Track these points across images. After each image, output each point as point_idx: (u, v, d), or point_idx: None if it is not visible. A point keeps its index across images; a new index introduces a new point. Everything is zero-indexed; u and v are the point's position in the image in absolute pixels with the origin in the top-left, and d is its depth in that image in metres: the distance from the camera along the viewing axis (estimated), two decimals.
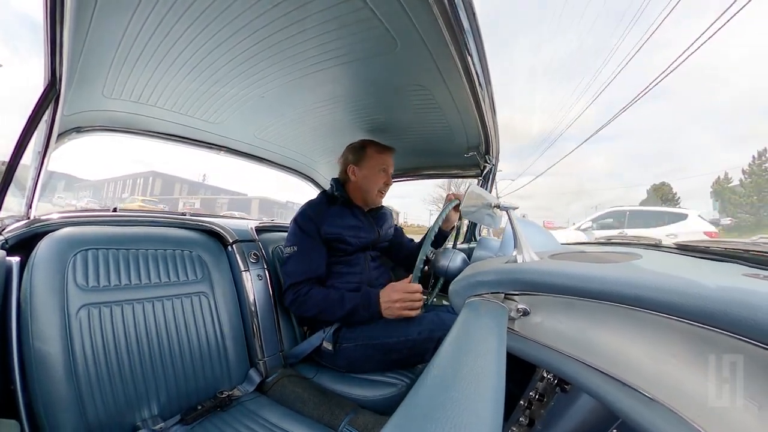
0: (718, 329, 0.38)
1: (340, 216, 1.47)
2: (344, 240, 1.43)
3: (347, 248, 1.45)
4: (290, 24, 0.89)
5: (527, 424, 0.85)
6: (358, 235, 1.47)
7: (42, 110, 0.96)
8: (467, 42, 0.87)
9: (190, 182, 53.75)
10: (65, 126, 1.22)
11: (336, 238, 1.42)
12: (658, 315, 0.44)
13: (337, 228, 1.42)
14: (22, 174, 1.04)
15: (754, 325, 0.35)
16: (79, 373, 0.93)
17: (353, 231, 1.47)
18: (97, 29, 0.87)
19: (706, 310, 0.38)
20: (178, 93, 1.24)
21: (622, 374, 0.47)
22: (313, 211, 1.44)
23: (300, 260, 1.37)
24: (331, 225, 1.42)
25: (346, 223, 1.46)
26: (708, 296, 0.39)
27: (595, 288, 0.51)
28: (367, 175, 1.53)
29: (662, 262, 0.72)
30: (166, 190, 48.77)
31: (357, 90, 1.26)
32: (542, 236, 1.24)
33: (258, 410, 1.12)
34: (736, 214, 29.45)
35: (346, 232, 1.44)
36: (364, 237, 1.50)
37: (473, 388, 0.32)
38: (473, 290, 0.72)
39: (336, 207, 1.50)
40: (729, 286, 0.39)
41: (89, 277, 1.02)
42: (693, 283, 0.41)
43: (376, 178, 1.53)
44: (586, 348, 0.53)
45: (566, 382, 0.78)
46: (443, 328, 1.20)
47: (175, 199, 41.27)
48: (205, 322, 1.23)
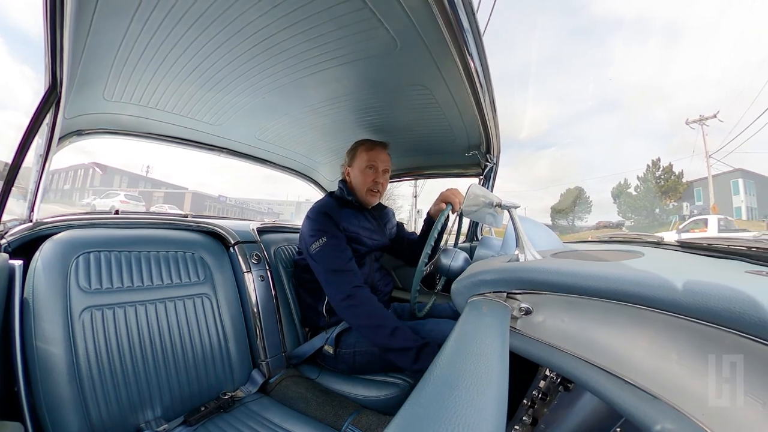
0: (722, 327, 0.38)
1: (355, 217, 1.45)
2: (361, 240, 1.42)
3: (360, 249, 1.43)
4: (290, 25, 0.89)
5: (530, 423, 0.85)
6: (372, 237, 1.47)
7: (43, 113, 0.96)
8: (467, 41, 0.87)
9: (131, 174, 51.37)
10: (66, 129, 1.22)
11: (354, 237, 1.40)
12: (661, 313, 0.44)
13: (354, 227, 1.41)
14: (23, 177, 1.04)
15: (757, 322, 0.35)
16: (83, 375, 0.93)
17: (368, 233, 1.47)
18: (97, 32, 0.87)
19: (710, 307, 0.38)
20: (179, 95, 1.25)
21: (625, 372, 0.47)
22: (329, 209, 1.39)
23: (332, 251, 1.30)
24: (349, 224, 1.40)
25: (361, 224, 1.46)
26: (711, 294, 0.39)
27: (598, 286, 0.51)
28: (356, 175, 1.51)
29: (664, 260, 0.72)
30: (105, 182, 46.30)
31: (357, 90, 1.26)
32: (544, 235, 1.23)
33: (261, 411, 1.12)
34: (630, 215, 34.47)
35: (362, 232, 1.44)
36: (377, 240, 1.50)
37: (476, 387, 0.32)
38: (475, 289, 0.72)
39: (348, 209, 1.47)
40: (732, 283, 0.39)
41: (92, 280, 1.03)
42: (696, 281, 0.41)
43: (364, 176, 1.48)
44: (589, 346, 0.53)
45: (569, 381, 0.78)
46: (440, 338, 1.19)
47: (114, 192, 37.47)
48: (207, 323, 1.23)
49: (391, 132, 1.62)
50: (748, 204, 30.77)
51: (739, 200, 30.91)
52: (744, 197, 30.85)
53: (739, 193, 30.98)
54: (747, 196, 30.96)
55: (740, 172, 31.43)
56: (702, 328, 0.40)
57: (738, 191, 31.22)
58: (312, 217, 1.39)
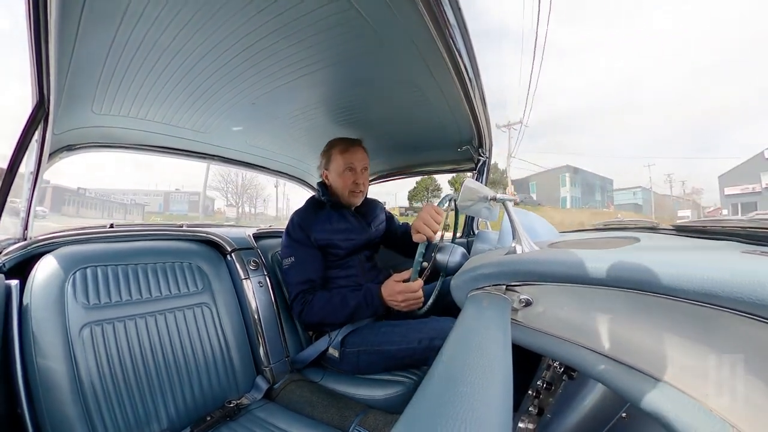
0: (722, 307, 0.38)
1: (329, 220, 1.46)
2: (335, 245, 1.43)
3: (339, 252, 1.44)
4: (276, 29, 0.89)
5: (536, 413, 0.85)
6: (348, 238, 1.46)
7: (32, 130, 0.95)
8: (454, 36, 0.87)
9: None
10: (56, 145, 1.21)
11: (326, 243, 1.42)
12: (660, 297, 0.44)
13: (326, 233, 1.42)
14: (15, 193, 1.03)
15: (756, 301, 0.35)
16: (86, 392, 0.92)
17: (343, 234, 1.46)
18: (82, 46, 0.87)
19: (709, 289, 0.39)
20: (167, 105, 1.24)
21: (627, 358, 0.48)
22: (301, 219, 1.44)
23: (299, 269, 1.37)
24: (320, 231, 1.42)
25: (335, 227, 1.45)
26: (709, 276, 0.39)
27: (597, 274, 0.51)
28: (335, 179, 1.51)
29: (661, 245, 0.73)
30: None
31: (346, 90, 1.26)
32: (540, 225, 1.24)
33: (267, 417, 1.12)
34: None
35: (336, 236, 1.44)
36: (355, 239, 1.49)
37: (481, 381, 0.32)
38: (475, 284, 0.72)
39: (324, 212, 1.49)
40: (730, 264, 0.40)
41: (89, 295, 1.02)
42: (694, 263, 0.42)
43: (344, 179, 1.49)
44: (590, 334, 0.53)
45: (573, 370, 0.78)
46: (443, 337, 1.20)
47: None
48: (208, 332, 1.23)
49: (382, 131, 1.62)
50: (572, 194, 41.35)
51: (565, 191, 41.16)
52: (569, 189, 41.34)
53: (566, 185, 41.42)
54: (572, 188, 41.53)
55: (566, 167, 42.41)
56: (702, 310, 0.40)
57: (565, 183, 41.53)
58: (289, 231, 1.45)
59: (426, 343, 1.20)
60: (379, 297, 1.27)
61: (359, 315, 1.29)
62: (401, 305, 1.23)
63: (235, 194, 46.81)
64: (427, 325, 1.27)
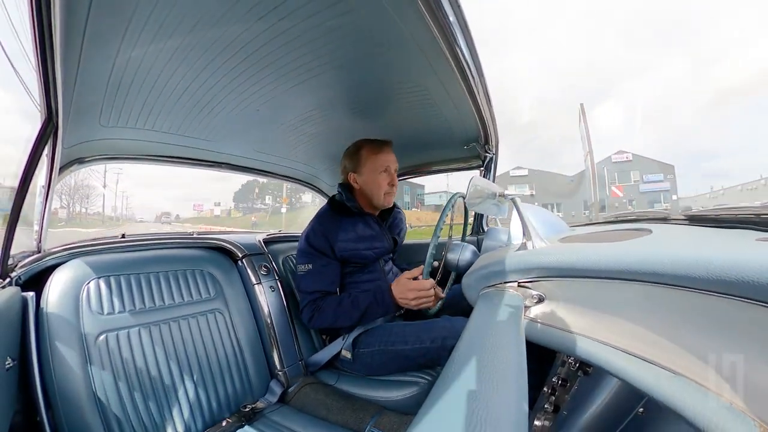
0: (737, 297, 0.37)
1: (353, 228, 1.42)
2: (359, 256, 1.40)
3: (364, 261, 1.42)
4: (278, 35, 0.89)
5: (552, 410, 0.84)
6: (373, 246, 1.43)
7: (42, 145, 0.97)
8: (455, 34, 0.87)
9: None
10: (66, 158, 1.23)
11: (350, 255, 1.38)
12: (675, 288, 0.44)
13: (350, 244, 1.38)
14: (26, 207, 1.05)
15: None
16: (102, 399, 0.94)
17: (368, 242, 1.42)
18: (87, 61, 0.88)
19: (725, 278, 0.38)
20: (174, 115, 1.25)
21: (643, 351, 0.47)
22: (325, 228, 1.39)
23: (315, 279, 1.35)
24: (344, 241, 1.37)
25: (359, 234, 1.42)
26: (725, 265, 0.38)
27: (609, 267, 0.50)
28: (368, 181, 1.46)
29: (674, 235, 0.72)
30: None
31: (351, 93, 1.26)
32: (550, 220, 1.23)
33: (283, 420, 1.12)
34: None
35: (360, 245, 1.40)
36: (379, 247, 1.46)
37: (495, 379, 0.32)
38: (486, 281, 0.71)
39: (349, 218, 1.44)
40: (745, 252, 0.39)
41: (104, 305, 1.03)
42: (708, 253, 0.41)
43: (379, 181, 1.44)
44: (604, 328, 0.53)
45: (588, 366, 0.77)
46: (455, 336, 1.18)
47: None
48: (222, 338, 1.24)
49: (388, 132, 1.61)
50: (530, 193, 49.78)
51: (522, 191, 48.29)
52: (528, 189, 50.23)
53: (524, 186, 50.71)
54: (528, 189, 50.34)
55: (528, 170, 52.69)
56: (717, 301, 0.40)
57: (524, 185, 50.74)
58: (309, 238, 1.39)
59: (439, 342, 1.19)
60: (390, 296, 1.25)
61: (371, 315, 1.28)
62: (412, 303, 1.22)
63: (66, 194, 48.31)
64: (439, 325, 1.26)
